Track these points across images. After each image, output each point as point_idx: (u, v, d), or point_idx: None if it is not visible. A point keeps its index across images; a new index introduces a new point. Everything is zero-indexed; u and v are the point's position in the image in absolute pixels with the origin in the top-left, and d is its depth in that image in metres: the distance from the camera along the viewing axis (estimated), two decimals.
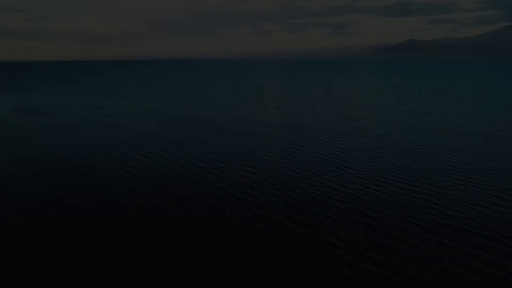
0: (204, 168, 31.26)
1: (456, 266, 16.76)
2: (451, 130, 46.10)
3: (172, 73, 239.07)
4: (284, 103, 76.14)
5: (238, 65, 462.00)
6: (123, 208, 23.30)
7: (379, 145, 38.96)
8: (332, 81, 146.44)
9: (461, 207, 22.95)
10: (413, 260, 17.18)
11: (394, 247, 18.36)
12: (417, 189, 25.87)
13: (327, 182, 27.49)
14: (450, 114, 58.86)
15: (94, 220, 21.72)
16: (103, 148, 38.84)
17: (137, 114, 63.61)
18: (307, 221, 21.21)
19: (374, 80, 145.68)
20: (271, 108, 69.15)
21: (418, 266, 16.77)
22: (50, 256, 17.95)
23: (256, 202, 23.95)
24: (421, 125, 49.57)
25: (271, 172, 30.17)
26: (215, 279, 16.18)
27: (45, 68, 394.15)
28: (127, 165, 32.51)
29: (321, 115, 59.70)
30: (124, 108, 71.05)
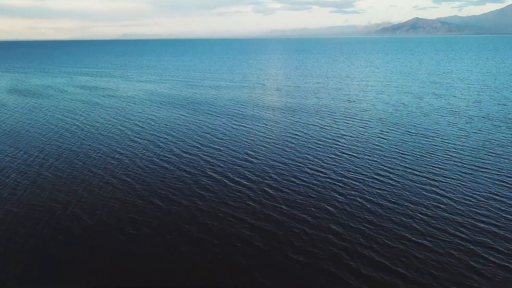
0: (197, 156, 29.66)
1: (466, 267, 15.26)
2: (458, 113, 44.19)
3: (171, 53, 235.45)
4: (285, 84, 74.00)
5: (239, 44, 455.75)
6: (110, 200, 21.81)
7: (382, 129, 37.19)
8: (335, 61, 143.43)
9: (471, 199, 21.36)
10: (418, 261, 15.66)
11: (398, 245, 16.84)
12: (423, 179, 24.25)
13: (327, 171, 25.89)
14: (457, 95, 56.75)
15: (77, 213, 20.26)
16: (93, 134, 37.22)
17: (133, 95, 61.75)
18: (305, 215, 19.68)
19: (378, 60, 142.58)
20: (272, 89, 67.11)
21: (424, 267, 15.27)
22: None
23: (251, 194, 22.40)
24: (426, 108, 47.63)
25: (268, 159, 28.57)
26: (205, 274, 14.74)
27: (44, 48, 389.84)
28: (117, 151, 30.92)
29: (323, 97, 57.72)
30: (121, 89, 69.13)
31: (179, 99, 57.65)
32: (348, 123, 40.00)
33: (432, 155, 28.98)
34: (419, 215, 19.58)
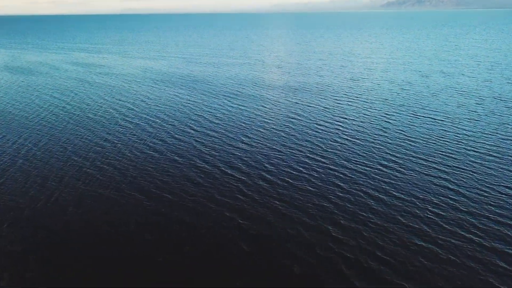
0: (189, 142, 27.53)
1: (482, 279, 13.31)
2: (468, 93, 41.66)
3: (171, 28, 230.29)
4: (286, 61, 71.11)
5: (240, 19, 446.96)
6: (87, 193, 19.85)
7: (388, 111, 34.84)
8: (339, 36, 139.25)
9: (484, 190, 19.28)
10: (427, 269, 13.68)
11: (404, 251, 14.85)
12: (432, 167, 22.12)
13: (329, 158, 23.76)
14: (466, 73, 53.97)
15: (50, 208, 18.33)
16: (79, 116, 35.05)
17: (128, 72, 59.22)
18: (302, 213, 17.67)
19: (383, 36, 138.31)
20: (273, 67, 64.34)
21: (433, 277, 13.31)
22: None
23: (247, 183, 20.37)
24: (434, 87, 45.05)
25: (266, 144, 26.44)
26: (190, 277, 12.92)
27: (43, 23, 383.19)
28: (102, 136, 28.82)
29: (326, 75, 55.05)
30: (116, 66, 66.50)
31: (175, 77, 55.13)
32: (351, 105, 37.63)
33: (441, 141, 26.77)
34: (427, 212, 17.54)
